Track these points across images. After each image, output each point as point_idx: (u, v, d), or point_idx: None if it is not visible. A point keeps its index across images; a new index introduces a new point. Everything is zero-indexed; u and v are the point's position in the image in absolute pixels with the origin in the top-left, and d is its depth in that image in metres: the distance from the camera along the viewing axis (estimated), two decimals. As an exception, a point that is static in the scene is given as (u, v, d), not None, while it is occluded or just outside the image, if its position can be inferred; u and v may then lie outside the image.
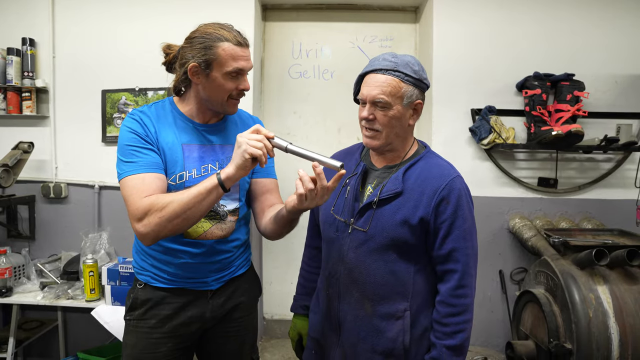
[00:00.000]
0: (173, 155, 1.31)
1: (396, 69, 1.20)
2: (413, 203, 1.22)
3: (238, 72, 1.28)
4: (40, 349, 2.68)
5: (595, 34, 2.56)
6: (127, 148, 1.26)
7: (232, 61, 1.26)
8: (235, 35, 1.28)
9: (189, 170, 1.31)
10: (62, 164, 2.63)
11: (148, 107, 1.37)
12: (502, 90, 2.58)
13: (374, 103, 1.21)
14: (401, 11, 2.94)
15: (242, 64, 1.28)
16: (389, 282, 1.24)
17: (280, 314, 3.04)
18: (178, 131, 1.34)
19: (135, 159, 1.24)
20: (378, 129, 1.23)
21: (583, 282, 1.97)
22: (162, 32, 2.54)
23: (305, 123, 2.98)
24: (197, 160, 1.33)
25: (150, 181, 1.22)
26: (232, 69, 1.26)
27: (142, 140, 1.27)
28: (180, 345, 1.38)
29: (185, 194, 1.16)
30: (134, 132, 1.28)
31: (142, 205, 1.16)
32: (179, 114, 1.37)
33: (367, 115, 1.22)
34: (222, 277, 1.41)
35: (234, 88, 1.30)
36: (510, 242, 2.62)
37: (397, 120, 1.23)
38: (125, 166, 1.24)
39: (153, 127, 1.31)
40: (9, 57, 2.50)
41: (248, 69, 1.31)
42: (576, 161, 2.62)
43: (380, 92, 1.19)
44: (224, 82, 1.28)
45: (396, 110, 1.21)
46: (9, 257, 2.23)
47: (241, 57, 1.28)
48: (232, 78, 1.28)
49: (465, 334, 1.21)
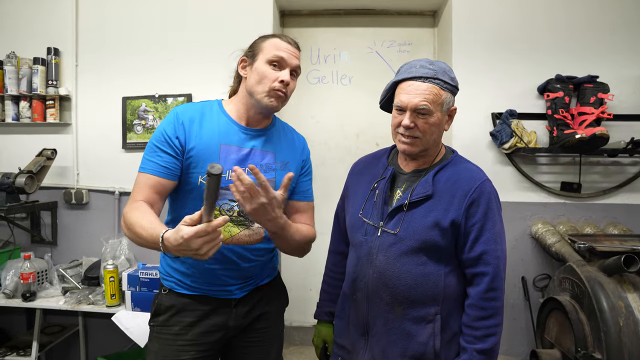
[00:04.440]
0: (209, 154, 1.30)
1: (436, 76, 1.21)
2: (444, 206, 1.22)
3: (279, 61, 1.31)
4: (61, 353, 2.70)
5: (619, 34, 2.51)
6: (151, 146, 1.31)
7: (275, 49, 1.31)
8: (283, 35, 1.35)
9: (224, 171, 1.31)
10: (84, 171, 2.67)
11: (192, 105, 1.38)
12: (523, 94, 2.54)
13: (416, 111, 1.21)
14: (419, 15, 2.93)
15: (284, 55, 1.31)
16: (420, 285, 1.22)
17: (299, 320, 3.02)
18: (219, 131, 1.34)
19: (152, 158, 1.30)
20: (418, 136, 1.24)
21: (611, 289, 1.91)
22: (181, 40, 2.59)
23: (323, 129, 2.97)
24: (234, 162, 1.32)
25: (152, 184, 1.28)
26: (272, 55, 1.30)
27: (165, 142, 1.29)
28: (203, 354, 1.36)
29: (142, 227, 1.16)
30: (163, 132, 1.30)
31: (126, 207, 1.26)
32: (224, 115, 1.37)
33: (409, 123, 1.22)
34: (247, 286, 1.40)
35: (275, 78, 1.30)
36: (533, 248, 2.57)
37: (437, 127, 1.24)
38: (143, 162, 1.31)
39: (189, 126, 1.31)
40: (35, 67, 2.56)
41: (291, 62, 1.33)
42: (600, 165, 2.56)
43: (423, 100, 1.20)
44: (265, 69, 1.30)
45: (436, 117, 1.22)
46: (32, 262, 2.26)
47: (284, 49, 1.32)
48: (273, 67, 1.31)
49: (496, 338, 1.20)
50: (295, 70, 1.36)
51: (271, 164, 1.38)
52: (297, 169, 1.45)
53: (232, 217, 1.32)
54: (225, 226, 1.31)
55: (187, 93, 2.58)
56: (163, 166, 1.29)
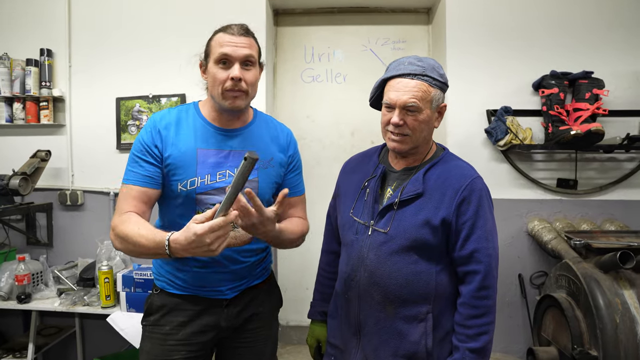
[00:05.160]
0: (185, 160, 1.29)
1: (424, 73, 1.20)
2: (434, 204, 1.21)
3: (226, 58, 1.25)
4: (58, 354, 2.69)
5: (614, 29, 2.49)
6: (132, 156, 1.31)
7: (218, 47, 1.26)
8: (230, 27, 1.28)
9: (202, 176, 1.30)
10: (78, 172, 2.66)
11: (168, 111, 1.37)
12: (518, 90, 2.53)
13: (405, 108, 1.20)
14: (413, 13, 2.92)
15: (227, 50, 1.24)
16: (411, 284, 1.21)
17: (296, 320, 3.01)
18: (196, 135, 1.32)
19: (134, 169, 1.29)
20: (407, 134, 1.23)
21: (607, 286, 1.91)
22: (174, 40, 2.58)
23: (318, 127, 2.96)
24: (213, 166, 1.31)
25: (136, 195, 1.27)
26: (218, 55, 1.25)
27: (145, 152, 1.29)
28: (195, 354, 1.35)
29: (142, 235, 1.16)
30: (142, 142, 1.30)
31: (115, 220, 1.25)
32: (200, 118, 1.36)
33: (398, 120, 1.21)
34: (238, 287, 1.39)
35: (224, 78, 1.25)
36: (530, 245, 2.56)
37: (426, 124, 1.23)
38: (126, 173, 1.31)
39: (165, 133, 1.30)
40: (28, 68, 2.55)
41: (238, 55, 1.25)
42: (597, 161, 2.55)
43: (411, 97, 1.19)
44: (215, 71, 1.26)
45: (426, 114, 1.21)
46: (27, 264, 2.26)
47: (227, 42, 1.25)
48: (222, 67, 1.26)
49: (488, 336, 1.19)
50: (248, 60, 1.28)
51: None
52: (282, 165, 1.43)
53: None
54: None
55: (180, 93, 2.57)
56: (146, 176, 1.29)
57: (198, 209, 1.30)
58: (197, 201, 1.30)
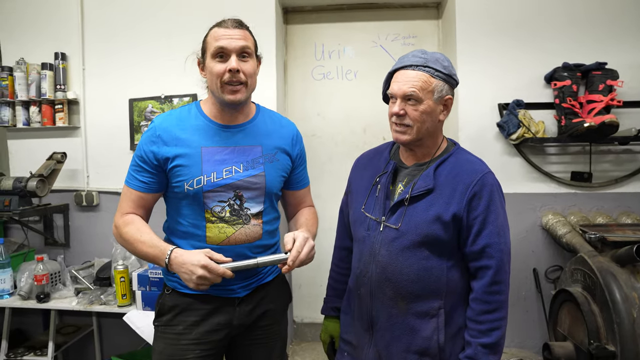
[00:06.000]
0: (190, 160, 1.30)
1: (426, 64, 1.21)
2: (445, 199, 1.21)
3: (221, 52, 1.26)
4: (77, 352, 2.75)
5: (627, 18, 2.44)
6: (133, 160, 1.37)
7: (214, 41, 1.28)
8: (224, 21, 1.31)
9: (207, 174, 1.30)
10: (93, 173, 2.70)
11: (170, 113, 1.39)
12: (530, 83, 2.50)
13: (405, 98, 1.21)
14: (423, 8, 2.90)
15: (223, 43, 1.26)
16: (423, 279, 1.22)
17: (310, 317, 3.03)
18: (200, 134, 1.33)
19: (133, 173, 1.36)
20: (409, 124, 1.23)
21: (624, 279, 1.88)
22: (184, 40, 2.59)
23: (330, 124, 2.97)
24: (218, 163, 1.32)
25: (134, 199, 1.35)
26: (214, 49, 1.27)
27: (142, 159, 1.33)
28: (208, 352, 1.36)
29: (143, 242, 1.29)
30: (141, 148, 1.34)
31: (117, 221, 1.35)
32: (202, 116, 1.37)
33: (398, 110, 1.22)
34: (250, 284, 1.40)
35: (222, 71, 1.26)
36: (544, 239, 2.53)
37: (428, 115, 1.22)
38: (127, 175, 1.38)
39: (166, 136, 1.31)
40: (43, 72, 2.60)
41: (234, 46, 1.26)
42: (612, 153, 2.51)
43: (411, 87, 1.20)
44: (212, 66, 1.28)
45: (427, 105, 1.21)
46: (46, 264, 2.30)
47: (222, 36, 1.27)
48: (219, 60, 1.27)
49: (500, 332, 1.18)
50: (244, 51, 1.28)
51: (258, 158, 1.36)
52: (289, 159, 1.44)
53: (224, 218, 1.33)
54: (220, 228, 1.32)
55: (192, 93, 2.59)
56: (142, 182, 1.34)
57: (206, 208, 1.32)
58: (204, 199, 1.31)
